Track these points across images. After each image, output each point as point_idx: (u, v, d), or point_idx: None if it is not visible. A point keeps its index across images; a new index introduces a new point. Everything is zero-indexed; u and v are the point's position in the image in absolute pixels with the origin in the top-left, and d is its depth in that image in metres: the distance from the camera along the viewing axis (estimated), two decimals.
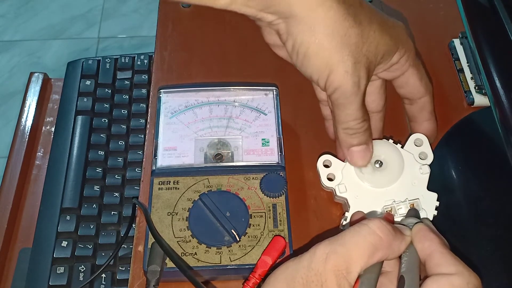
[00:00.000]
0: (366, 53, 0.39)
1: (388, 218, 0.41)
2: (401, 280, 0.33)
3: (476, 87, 0.52)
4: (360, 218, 0.41)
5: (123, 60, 0.81)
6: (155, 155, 0.47)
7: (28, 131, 0.78)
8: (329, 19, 0.37)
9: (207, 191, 0.45)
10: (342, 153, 0.46)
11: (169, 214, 0.44)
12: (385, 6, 0.60)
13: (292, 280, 0.32)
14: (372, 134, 0.44)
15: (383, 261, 0.34)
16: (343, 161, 0.45)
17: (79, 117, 0.75)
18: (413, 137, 0.46)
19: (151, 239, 0.42)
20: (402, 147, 0.45)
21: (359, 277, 0.33)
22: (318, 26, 0.38)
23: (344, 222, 0.44)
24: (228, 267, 0.42)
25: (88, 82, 0.78)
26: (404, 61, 0.42)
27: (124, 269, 0.64)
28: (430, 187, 0.44)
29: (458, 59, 0.55)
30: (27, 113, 0.80)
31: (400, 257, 0.35)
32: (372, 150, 0.44)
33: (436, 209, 0.43)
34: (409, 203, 0.43)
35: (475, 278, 0.32)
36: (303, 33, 0.38)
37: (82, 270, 0.64)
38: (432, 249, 0.34)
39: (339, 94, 0.39)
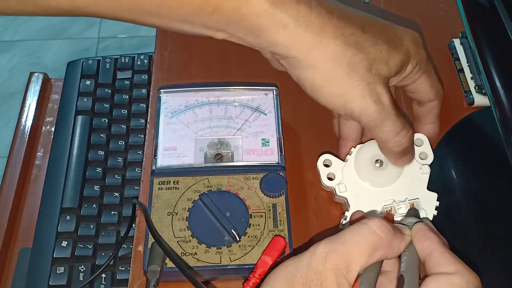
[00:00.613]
0: (376, 72, 0.38)
1: (388, 217, 0.41)
2: (400, 280, 0.33)
3: (476, 87, 0.53)
4: (360, 218, 0.41)
5: (123, 60, 0.81)
6: (155, 155, 0.47)
7: (28, 131, 0.78)
8: (329, 55, 0.37)
9: (207, 191, 0.45)
10: (343, 151, 0.46)
11: (169, 214, 0.44)
12: (386, 12, 0.60)
13: (292, 279, 0.32)
14: None
15: (382, 261, 0.34)
16: (344, 161, 0.45)
17: (79, 117, 0.75)
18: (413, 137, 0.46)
19: (151, 239, 0.42)
20: None
21: (358, 276, 0.33)
22: (319, 63, 0.37)
23: (344, 222, 0.44)
24: (228, 267, 0.42)
25: (88, 82, 0.78)
26: (416, 71, 0.41)
27: (124, 269, 0.64)
28: (430, 187, 0.44)
29: (458, 59, 0.55)
30: (27, 113, 0.80)
31: (399, 256, 0.35)
32: (414, 148, 0.44)
33: (436, 209, 0.43)
34: (409, 202, 0.43)
35: (475, 278, 0.32)
36: (305, 70, 0.38)
37: (82, 270, 0.64)
38: (431, 248, 0.34)
39: (367, 119, 0.39)
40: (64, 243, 0.65)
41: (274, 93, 0.51)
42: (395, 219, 0.42)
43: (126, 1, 0.36)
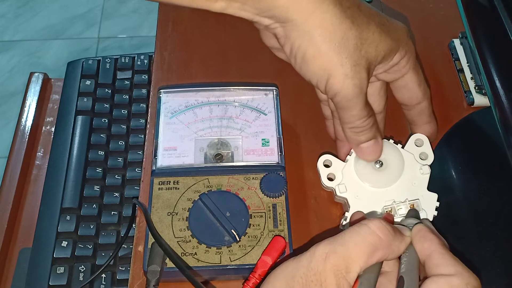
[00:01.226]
0: (365, 54, 0.38)
1: (388, 218, 0.41)
2: (400, 281, 0.33)
3: (476, 87, 0.52)
4: (360, 218, 0.41)
5: (123, 60, 0.81)
6: (155, 155, 0.47)
7: (28, 131, 0.78)
8: (326, 22, 0.37)
9: (207, 191, 0.45)
10: (343, 152, 0.46)
11: (169, 214, 0.44)
12: (385, 7, 0.60)
13: (291, 279, 0.32)
14: None
15: (382, 261, 0.34)
16: (344, 161, 0.45)
17: (79, 117, 0.75)
18: (413, 137, 0.46)
19: (151, 239, 0.42)
20: (402, 147, 0.45)
21: (358, 277, 0.33)
22: (315, 30, 0.37)
23: (344, 222, 0.44)
24: (228, 267, 0.42)
25: (88, 82, 0.78)
26: (404, 62, 0.42)
27: (124, 269, 0.64)
28: (430, 188, 0.44)
29: (458, 59, 0.55)
30: (27, 113, 0.80)
31: (399, 257, 0.35)
32: (381, 143, 0.44)
33: (436, 210, 0.43)
34: (409, 203, 0.43)
35: (474, 279, 0.32)
36: (300, 37, 0.38)
37: (82, 270, 0.64)
38: (431, 249, 0.34)
39: (340, 98, 0.39)
40: (64, 243, 0.65)
41: (274, 93, 0.51)
42: (395, 220, 0.42)
43: None
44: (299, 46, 0.38)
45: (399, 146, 0.45)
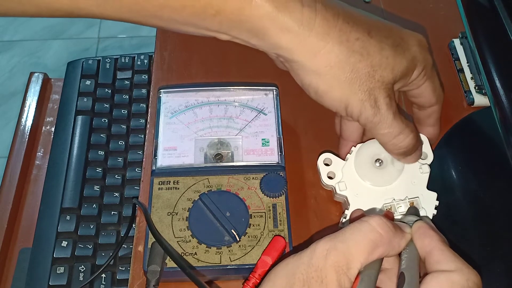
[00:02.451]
0: (380, 78, 0.38)
1: (388, 215, 0.41)
2: (401, 277, 0.33)
3: (476, 87, 0.53)
4: (360, 216, 0.41)
5: (123, 60, 0.81)
6: (155, 155, 0.47)
7: (28, 131, 0.78)
8: (332, 61, 0.37)
9: (207, 191, 0.45)
10: (343, 150, 0.46)
11: (169, 214, 0.44)
12: (386, 12, 0.60)
13: (292, 276, 0.32)
14: None
15: (383, 258, 0.34)
16: (344, 160, 0.45)
17: (79, 117, 0.75)
18: None
19: (151, 239, 0.42)
20: None
21: (359, 273, 0.33)
22: (322, 69, 0.37)
23: (344, 220, 0.44)
24: (228, 267, 0.42)
25: (88, 82, 0.78)
26: (421, 76, 0.41)
27: (124, 269, 0.64)
28: (430, 187, 0.44)
29: (458, 59, 0.55)
30: (27, 113, 0.80)
31: (400, 254, 0.35)
32: (421, 148, 0.44)
33: (435, 209, 0.43)
34: (408, 201, 0.43)
35: (475, 275, 0.32)
36: (309, 76, 0.38)
37: (82, 270, 0.64)
38: (431, 246, 0.34)
39: (364, 120, 0.39)
40: (64, 243, 0.65)
41: (274, 93, 0.51)
42: (395, 217, 0.42)
43: (128, 3, 0.36)
44: (309, 83, 0.39)
45: None
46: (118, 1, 0.36)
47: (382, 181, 0.44)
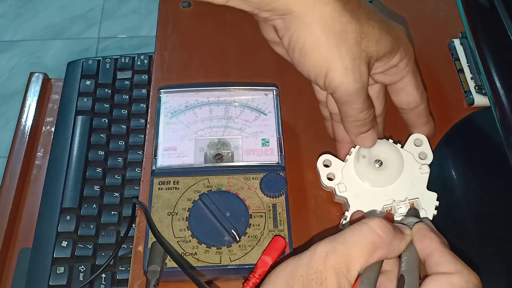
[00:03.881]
0: (365, 48, 0.38)
1: (388, 217, 0.41)
2: (401, 279, 0.33)
3: (476, 87, 0.53)
4: (360, 217, 0.41)
5: (123, 60, 0.81)
6: (155, 155, 0.47)
7: (28, 131, 0.78)
8: (326, 14, 0.37)
9: (207, 191, 0.45)
10: (342, 153, 0.46)
11: (169, 214, 0.44)
12: (385, 8, 0.60)
13: (292, 278, 0.32)
14: None
15: (383, 260, 0.34)
16: (343, 161, 0.45)
17: (79, 117, 0.75)
18: (412, 137, 0.46)
19: (151, 239, 0.42)
20: (402, 147, 0.45)
21: (359, 275, 0.33)
22: (314, 22, 0.37)
23: (344, 222, 0.44)
24: (228, 267, 0.42)
25: (88, 82, 0.78)
26: (403, 65, 0.42)
27: (124, 269, 0.64)
28: (430, 187, 0.44)
29: (458, 59, 0.55)
30: (27, 113, 0.80)
31: (400, 256, 0.35)
32: (377, 130, 0.44)
33: (436, 209, 0.43)
34: (409, 202, 0.43)
35: (475, 277, 0.32)
36: (299, 29, 0.38)
37: (82, 270, 0.64)
38: (432, 248, 0.34)
39: (341, 93, 0.39)
40: (64, 243, 0.65)
41: (274, 93, 0.51)
42: (395, 218, 0.42)
43: None
44: (297, 38, 0.38)
45: (399, 145, 0.45)
46: None
47: (382, 182, 0.44)
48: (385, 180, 0.44)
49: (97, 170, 0.71)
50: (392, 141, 0.45)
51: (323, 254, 0.32)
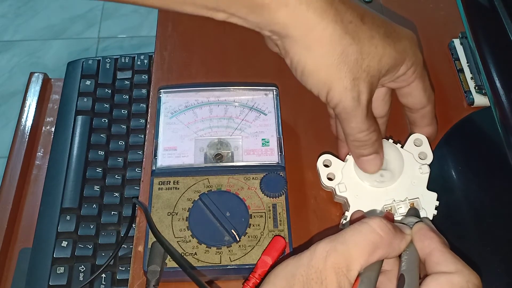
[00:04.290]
0: (366, 68, 0.38)
1: (388, 217, 0.41)
2: (401, 279, 0.33)
3: (476, 87, 0.53)
4: (360, 217, 0.41)
5: (123, 60, 0.81)
6: (155, 155, 0.47)
7: (28, 131, 0.78)
8: (325, 39, 0.37)
9: (207, 191, 0.45)
10: (343, 152, 0.46)
11: (169, 214, 0.44)
12: (386, 9, 0.60)
13: (292, 277, 0.32)
14: None
15: (383, 260, 0.34)
16: (343, 161, 0.45)
17: (79, 117, 0.75)
18: (413, 137, 0.46)
19: (151, 239, 0.42)
20: (402, 147, 0.45)
21: (359, 275, 0.33)
22: (314, 46, 0.37)
23: (344, 222, 0.44)
24: (228, 267, 0.42)
25: (88, 82, 0.78)
26: (411, 73, 0.41)
27: (124, 269, 0.64)
28: (430, 187, 0.44)
29: (458, 59, 0.55)
30: (27, 113, 0.80)
31: (400, 256, 0.35)
32: (382, 158, 0.44)
33: (436, 209, 0.43)
34: (409, 202, 0.43)
35: (475, 277, 0.32)
36: (299, 52, 0.38)
37: (82, 270, 0.64)
38: (432, 247, 0.34)
39: (340, 109, 0.39)
40: (64, 243, 0.65)
41: (274, 93, 0.51)
42: (395, 218, 0.42)
43: None
44: (298, 61, 0.39)
45: (399, 145, 0.45)
46: None
47: (382, 182, 0.44)
48: (385, 180, 0.44)
49: (97, 170, 0.71)
50: (392, 141, 0.45)
51: (323, 253, 0.32)
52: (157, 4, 0.38)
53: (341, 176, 0.44)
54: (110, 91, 0.78)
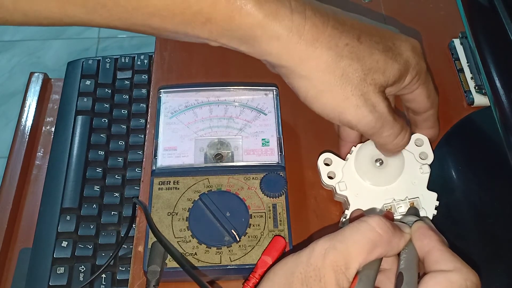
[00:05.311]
0: (372, 82, 0.38)
1: (388, 216, 0.41)
2: (399, 277, 0.33)
3: (476, 87, 0.53)
4: (360, 216, 0.41)
5: (123, 60, 0.81)
6: (155, 155, 0.47)
7: (28, 131, 0.78)
8: (322, 66, 0.37)
9: (207, 191, 0.45)
10: (344, 151, 0.46)
11: (169, 214, 0.44)
12: (386, 10, 0.60)
13: (291, 275, 0.32)
14: None
15: (382, 258, 0.34)
16: (344, 159, 0.45)
17: (79, 117, 0.75)
18: (413, 137, 0.46)
19: (151, 239, 0.42)
20: None
21: (357, 273, 0.33)
22: (312, 74, 0.37)
23: (344, 220, 0.44)
24: (228, 267, 0.42)
25: (88, 82, 0.78)
26: (415, 81, 0.41)
27: (124, 269, 0.64)
28: (430, 187, 0.44)
29: (458, 59, 0.55)
30: (27, 113, 0.80)
31: (399, 254, 0.35)
32: (409, 130, 0.43)
33: (436, 209, 0.43)
34: (409, 201, 0.43)
35: (474, 275, 0.32)
36: (297, 81, 0.38)
37: (82, 270, 0.64)
38: (430, 246, 0.34)
39: (364, 128, 0.39)
40: (64, 243, 0.65)
41: (274, 93, 0.51)
42: (395, 217, 0.42)
43: (118, 11, 0.35)
44: (299, 88, 0.38)
45: None
46: (107, 10, 0.35)
47: (382, 181, 0.44)
48: (386, 179, 0.44)
49: (97, 170, 0.71)
50: None
51: (322, 251, 0.32)
52: (150, 32, 0.38)
53: (342, 175, 0.44)
54: (110, 91, 0.78)
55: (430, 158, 0.45)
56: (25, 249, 0.68)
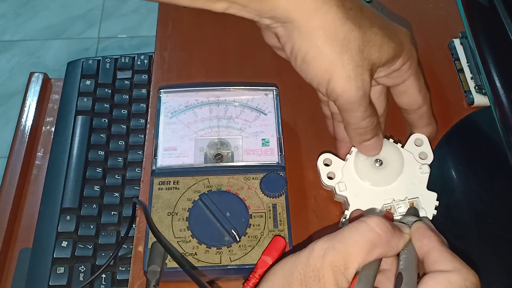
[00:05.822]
0: (367, 56, 0.38)
1: (387, 216, 0.41)
2: (399, 277, 0.33)
3: (476, 87, 0.53)
4: (359, 216, 0.41)
5: (123, 60, 0.81)
6: (155, 155, 0.47)
7: (28, 131, 0.78)
8: (327, 23, 0.37)
9: (207, 191, 0.45)
10: (342, 152, 0.46)
11: (169, 214, 0.44)
12: (386, 9, 0.60)
13: (290, 276, 0.32)
14: None
15: (381, 259, 0.34)
16: (344, 160, 0.45)
17: (79, 117, 0.75)
18: (413, 137, 0.46)
19: (151, 239, 0.42)
20: (402, 146, 0.45)
21: (356, 273, 0.33)
22: (316, 31, 0.37)
23: (344, 220, 0.44)
24: (228, 267, 0.42)
25: (88, 82, 0.78)
26: (406, 68, 0.42)
27: (124, 269, 0.64)
28: (430, 187, 0.44)
29: (458, 59, 0.55)
30: (27, 113, 0.80)
31: (398, 255, 0.35)
32: (382, 137, 0.44)
33: (435, 209, 0.43)
34: (408, 202, 0.43)
35: (473, 275, 0.32)
36: (301, 38, 0.38)
37: (82, 270, 0.64)
38: (430, 246, 0.34)
39: (343, 100, 0.39)
40: (64, 243, 0.65)
41: (274, 93, 0.51)
42: (394, 218, 0.42)
43: None
44: (300, 47, 0.38)
45: (399, 145, 0.45)
46: None
47: (382, 181, 0.44)
48: (385, 180, 0.44)
49: (97, 170, 0.71)
50: (392, 140, 0.45)
51: (321, 252, 0.32)
52: None
53: (341, 175, 0.44)
54: (110, 91, 0.78)
55: (430, 158, 0.45)
56: (25, 249, 0.68)
